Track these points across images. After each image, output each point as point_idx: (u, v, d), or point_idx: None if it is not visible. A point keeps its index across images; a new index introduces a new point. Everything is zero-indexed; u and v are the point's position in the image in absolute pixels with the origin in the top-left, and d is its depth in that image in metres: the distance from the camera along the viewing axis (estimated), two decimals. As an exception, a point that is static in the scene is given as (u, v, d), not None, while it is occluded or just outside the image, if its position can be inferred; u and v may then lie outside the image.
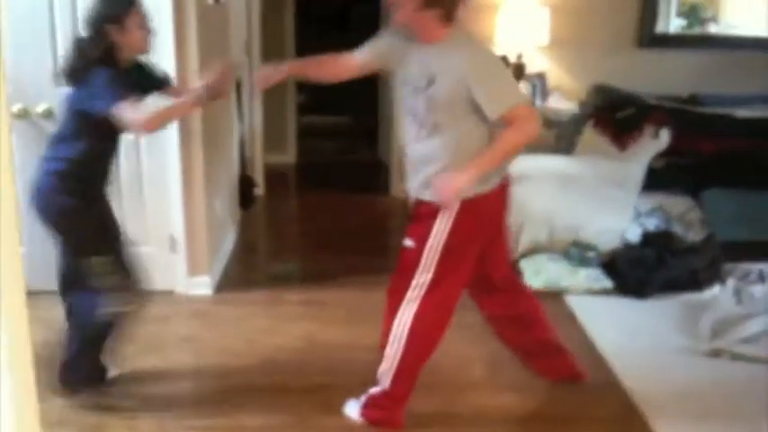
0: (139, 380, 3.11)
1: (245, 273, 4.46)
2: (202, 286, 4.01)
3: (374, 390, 2.84)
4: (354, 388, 3.04)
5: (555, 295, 4.06)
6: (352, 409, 2.89)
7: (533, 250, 4.38)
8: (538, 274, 4.16)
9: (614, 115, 4.84)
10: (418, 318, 2.69)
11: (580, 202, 4.42)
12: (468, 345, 3.50)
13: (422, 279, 2.66)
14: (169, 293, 3.97)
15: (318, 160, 8.05)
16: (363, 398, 2.87)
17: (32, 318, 1.61)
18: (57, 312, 3.68)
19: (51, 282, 3.87)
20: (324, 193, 6.63)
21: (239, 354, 3.37)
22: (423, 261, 2.64)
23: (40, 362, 1.74)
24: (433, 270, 2.64)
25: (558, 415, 2.93)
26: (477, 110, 2.55)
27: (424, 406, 2.93)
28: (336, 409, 2.91)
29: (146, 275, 3.03)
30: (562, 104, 5.65)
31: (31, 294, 1.67)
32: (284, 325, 3.45)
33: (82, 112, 2.74)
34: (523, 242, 4.39)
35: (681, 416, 2.88)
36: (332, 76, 2.96)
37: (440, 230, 2.62)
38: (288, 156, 7.63)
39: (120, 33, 2.73)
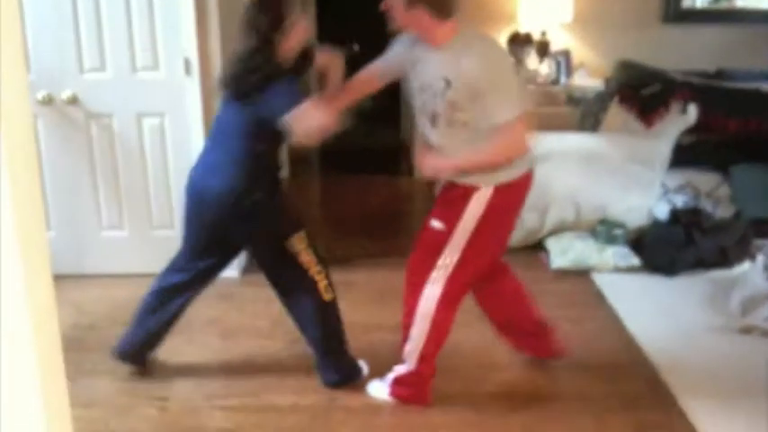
0: (168, 361, 3.14)
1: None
2: (229, 268, 4.02)
3: (400, 368, 2.85)
4: (381, 368, 3.05)
5: (582, 274, 4.04)
6: (378, 389, 2.90)
7: (560, 229, 4.36)
8: (565, 252, 4.14)
9: (640, 92, 4.78)
10: (444, 297, 2.69)
11: (606, 180, 4.38)
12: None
13: (447, 260, 2.66)
14: (196, 276, 4.00)
15: (341, 143, 8.03)
16: (389, 377, 2.88)
17: (63, 301, 1.63)
18: (86, 295, 3.74)
19: (80, 266, 3.95)
20: (347, 175, 6.63)
21: (266, 335, 3.39)
22: (451, 242, 2.64)
23: (70, 343, 1.76)
24: (460, 251, 2.65)
25: (585, 393, 2.91)
26: None
27: (448, 386, 2.93)
28: (364, 389, 2.92)
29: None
30: (587, 81, 5.60)
31: (63, 278, 1.69)
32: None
33: (259, 120, 2.63)
34: (550, 221, 4.36)
35: (711, 394, 2.85)
36: (365, 94, 2.98)
37: (472, 213, 2.62)
38: (311, 138, 7.63)
39: (283, 35, 2.61)
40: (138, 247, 3.99)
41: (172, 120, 3.80)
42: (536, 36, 5.71)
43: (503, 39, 5.88)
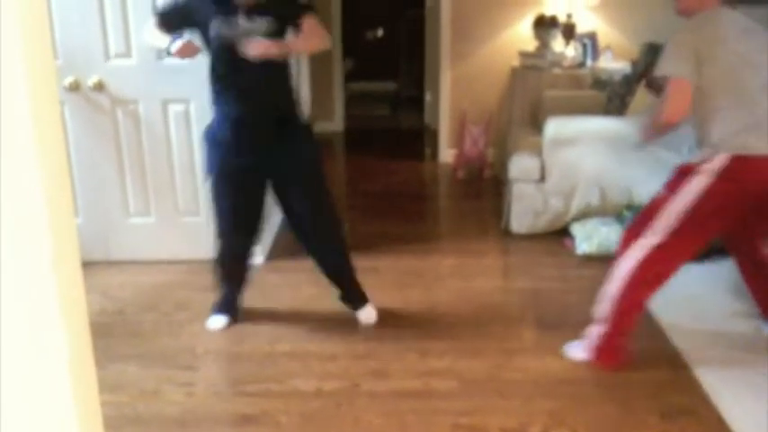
0: (194, 347, 3.17)
1: (295, 240, 4.49)
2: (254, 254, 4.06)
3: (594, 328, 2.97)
4: (403, 353, 3.06)
5: (608, 259, 4.00)
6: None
7: (585, 214, 4.33)
8: (590, 238, 4.12)
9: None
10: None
11: (632, 164, 4.33)
12: (517, 309, 3.49)
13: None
14: (221, 262, 4.03)
15: (366, 126, 8.05)
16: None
17: (90, 287, 1.65)
18: (113, 281, 3.78)
19: (107, 252, 3.99)
20: (372, 159, 6.64)
21: (290, 320, 3.41)
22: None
23: (97, 329, 1.78)
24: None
25: (610, 379, 2.90)
26: None
27: (472, 370, 2.94)
28: (387, 374, 2.93)
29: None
30: (613, 64, 5.53)
31: (90, 265, 1.71)
32: (333, 292, 3.47)
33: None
34: (575, 206, 4.34)
35: (736, 379, 2.83)
36: None
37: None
38: (335, 124, 7.64)
39: None
40: (164, 234, 4.03)
41: (197, 106, 3.81)
42: (562, 18, 5.65)
43: (527, 22, 5.84)
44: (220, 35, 2.90)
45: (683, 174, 2.78)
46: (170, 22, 2.97)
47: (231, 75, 2.97)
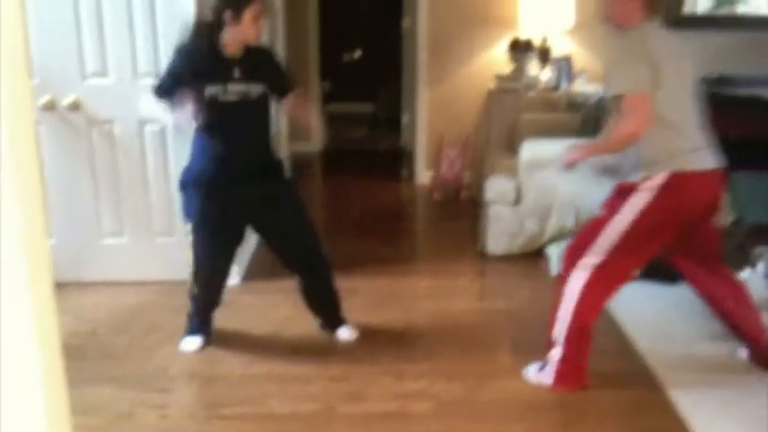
0: (168, 369, 3.14)
1: (271, 262, 4.48)
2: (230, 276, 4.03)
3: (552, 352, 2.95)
4: (379, 376, 3.05)
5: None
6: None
7: (561, 235, 4.36)
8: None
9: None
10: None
11: (607, 187, 4.36)
12: (493, 331, 3.50)
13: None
14: (196, 283, 4.00)
15: (343, 148, 8.07)
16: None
17: (63, 308, 1.63)
18: (86, 303, 3.74)
19: (80, 273, 3.94)
20: (349, 181, 6.64)
21: (265, 342, 3.39)
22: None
23: (70, 351, 1.76)
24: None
25: (585, 400, 2.91)
26: None
27: (447, 393, 2.94)
28: (363, 396, 2.92)
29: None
30: (588, 87, 5.59)
31: (63, 285, 1.69)
32: (309, 314, 3.46)
33: None
34: (551, 227, 4.36)
35: (710, 400, 2.85)
36: None
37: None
38: (313, 144, 7.64)
39: (230, 22, 2.92)
40: (138, 255, 3.99)
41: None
42: (537, 42, 5.71)
43: (503, 45, 5.89)
44: (218, 100, 2.97)
45: (623, 193, 2.81)
46: (168, 92, 3.00)
47: (219, 123, 3.01)
